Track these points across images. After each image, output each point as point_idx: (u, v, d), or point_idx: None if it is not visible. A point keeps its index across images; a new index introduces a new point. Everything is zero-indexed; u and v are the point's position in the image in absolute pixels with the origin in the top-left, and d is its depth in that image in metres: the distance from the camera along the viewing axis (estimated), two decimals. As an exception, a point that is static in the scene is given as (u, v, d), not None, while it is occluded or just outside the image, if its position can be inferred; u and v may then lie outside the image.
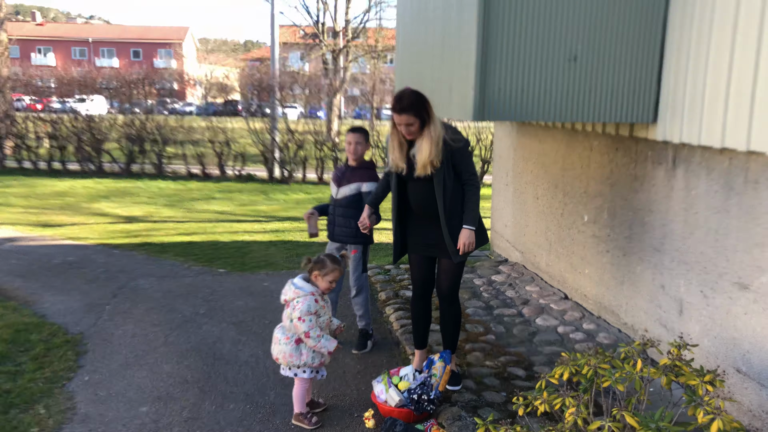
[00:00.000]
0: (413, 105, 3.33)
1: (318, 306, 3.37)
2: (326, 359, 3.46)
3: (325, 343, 3.34)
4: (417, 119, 3.35)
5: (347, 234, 4.35)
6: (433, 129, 3.37)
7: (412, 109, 3.33)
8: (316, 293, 3.38)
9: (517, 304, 5.23)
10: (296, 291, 3.37)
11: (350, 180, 4.32)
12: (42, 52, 56.68)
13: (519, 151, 6.33)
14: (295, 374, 3.44)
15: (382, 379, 3.56)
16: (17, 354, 4.38)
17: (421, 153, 3.39)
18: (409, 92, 3.36)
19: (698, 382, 2.39)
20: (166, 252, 7.37)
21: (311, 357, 3.39)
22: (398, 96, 3.36)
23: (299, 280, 3.43)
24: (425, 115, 3.37)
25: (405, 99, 3.33)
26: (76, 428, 3.44)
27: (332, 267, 3.39)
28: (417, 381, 3.49)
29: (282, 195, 12.63)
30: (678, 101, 3.65)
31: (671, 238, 3.86)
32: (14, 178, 13.90)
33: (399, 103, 3.34)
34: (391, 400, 3.40)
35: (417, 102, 3.34)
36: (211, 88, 19.90)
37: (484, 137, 15.41)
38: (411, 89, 3.40)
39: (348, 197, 4.31)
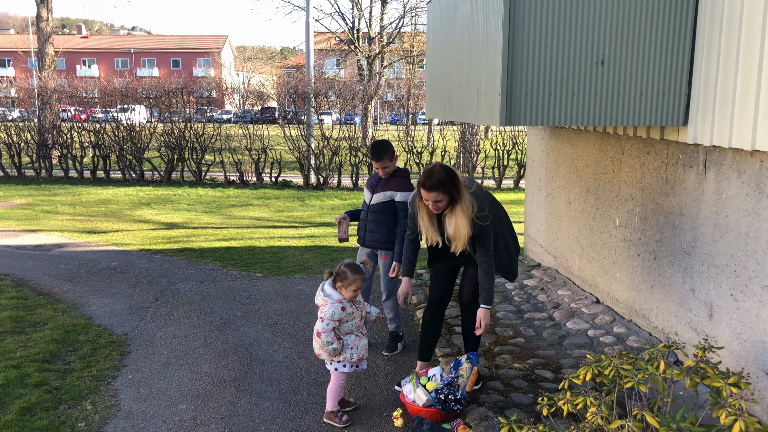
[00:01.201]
0: (443, 183, 3.28)
1: (344, 314, 3.48)
2: (364, 354, 3.59)
3: (331, 347, 3.48)
4: (446, 196, 3.32)
5: (378, 240, 4.45)
6: (466, 205, 3.33)
7: (441, 187, 3.28)
8: (344, 301, 3.49)
9: (548, 308, 5.24)
10: (324, 299, 3.50)
11: (384, 187, 4.42)
12: (87, 64, 58.63)
13: (551, 155, 6.33)
14: (336, 368, 3.57)
15: (411, 379, 3.64)
16: (66, 353, 4.61)
17: (458, 233, 3.36)
18: (439, 169, 3.29)
19: (722, 384, 2.41)
20: (205, 257, 7.59)
21: (350, 353, 3.51)
22: (428, 173, 3.30)
23: (329, 287, 3.55)
24: (455, 192, 3.32)
25: (434, 176, 3.27)
26: (120, 424, 3.62)
27: (353, 278, 3.48)
28: (444, 381, 3.56)
29: (317, 201, 12.83)
30: (708, 103, 3.64)
31: (701, 242, 3.84)
32: (61, 187, 14.46)
33: (428, 180, 3.28)
34: (419, 399, 3.48)
35: (447, 179, 3.28)
36: (248, 95, 20.29)
37: (521, 141, 15.35)
38: (440, 165, 3.32)
39: (381, 203, 4.41)
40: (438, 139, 17.39)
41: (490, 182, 15.41)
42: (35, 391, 3.96)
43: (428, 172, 3.30)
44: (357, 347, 3.56)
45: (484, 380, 3.92)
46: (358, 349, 3.56)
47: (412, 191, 4.39)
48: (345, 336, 3.54)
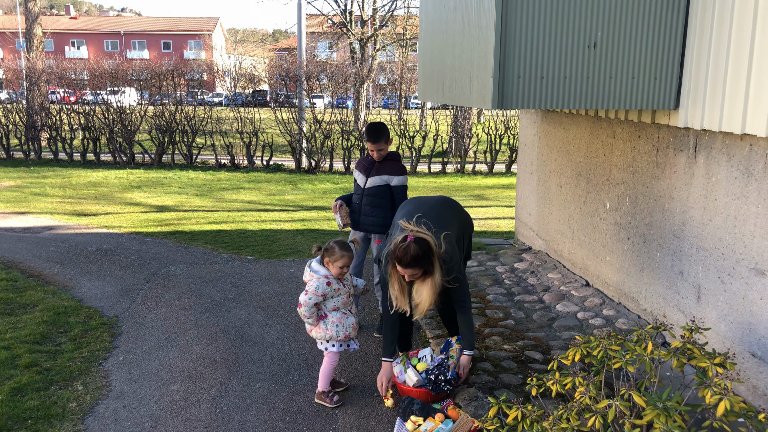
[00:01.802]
0: (419, 259, 3.22)
1: (329, 289, 3.51)
2: (352, 333, 3.62)
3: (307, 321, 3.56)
4: (421, 270, 3.28)
5: (374, 223, 4.46)
6: (437, 278, 3.30)
7: (417, 264, 3.23)
8: (330, 277, 3.51)
9: (539, 291, 5.28)
10: (311, 274, 3.53)
11: (379, 171, 4.43)
12: (75, 45, 57.89)
13: (543, 139, 6.34)
14: (326, 348, 3.59)
15: (401, 360, 3.67)
16: (57, 335, 4.60)
17: (422, 302, 3.34)
18: (414, 245, 3.21)
19: (708, 365, 2.44)
20: (197, 240, 7.58)
21: (336, 330, 3.53)
22: (404, 249, 3.21)
23: (315, 264, 3.58)
24: (430, 266, 3.28)
25: (410, 254, 3.20)
26: (111, 404, 3.63)
27: (341, 254, 3.50)
28: (434, 362, 3.59)
29: (309, 185, 12.80)
30: (700, 87, 3.65)
31: (691, 225, 3.87)
32: (50, 169, 14.35)
33: (405, 257, 3.21)
34: (409, 380, 3.51)
35: (423, 255, 3.22)
36: (239, 78, 20.13)
37: (513, 125, 15.35)
38: (415, 240, 3.24)
39: (376, 187, 4.42)
40: (430, 123, 17.36)
41: (482, 166, 15.43)
42: (26, 372, 3.96)
43: (404, 249, 3.20)
44: (343, 325, 3.58)
45: (474, 361, 3.95)
46: (345, 327, 3.58)
47: (406, 174, 4.45)
48: (331, 313, 3.56)
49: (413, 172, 14.88)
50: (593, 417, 2.32)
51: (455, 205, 3.86)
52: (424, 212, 3.49)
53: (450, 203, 3.82)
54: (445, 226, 3.49)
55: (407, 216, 3.47)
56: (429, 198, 3.78)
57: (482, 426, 2.61)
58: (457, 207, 3.87)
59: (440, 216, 3.55)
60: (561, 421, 2.41)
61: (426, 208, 3.58)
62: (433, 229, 3.35)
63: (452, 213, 3.73)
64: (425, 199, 3.75)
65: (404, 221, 3.40)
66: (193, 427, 3.39)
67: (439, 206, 3.68)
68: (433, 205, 3.66)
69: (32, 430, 3.33)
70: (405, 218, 3.44)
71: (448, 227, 3.50)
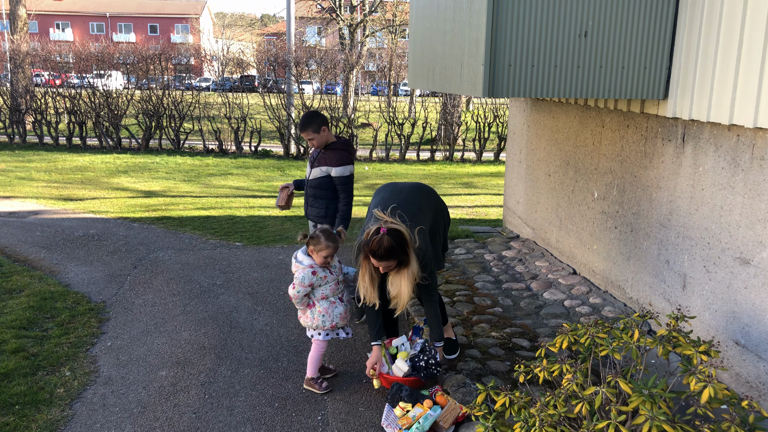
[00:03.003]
0: (393, 251, 3.19)
1: (315, 278, 3.51)
2: (339, 322, 3.62)
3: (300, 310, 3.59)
4: (395, 261, 3.25)
5: (317, 214, 4.40)
6: (413, 269, 3.27)
7: (392, 256, 3.20)
8: (315, 266, 3.51)
9: (526, 279, 5.32)
10: (296, 265, 3.53)
11: (321, 162, 4.30)
12: (60, 28, 56.96)
13: (532, 127, 6.35)
14: (312, 335, 3.61)
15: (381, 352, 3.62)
16: (44, 320, 4.57)
17: (400, 295, 3.32)
18: (387, 238, 3.17)
19: (693, 352, 2.48)
20: (184, 226, 7.54)
21: (321, 320, 3.54)
22: (377, 242, 3.17)
23: (300, 254, 3.58)
24: (404, 257, 3.25)
25: (384, 246, 3.17)
26: (99, 390, 3.63)
27: (326, 244, 3.48)
28: (416, 347, 3.58)
29: (298, 171, 12.75)
30: (689, 77, 3.67)
31: (677, 214, 3.91)
32: (35, 153, 14.17)
33: (379, 250, 3.17)
34: (398, 371, 3.49)
35: (396, 247, 3.18)
36: (227, 63, 19.95)
37: (502, 113, 15.36)
38: (388, 233, 3.18)
39: (318, 179, 4.31)
40: (419, 111, 17.33)
41: (471, 154, 15.44)
42: (12, 358, 3.93)
43: (378, 242, 3.17)
44: (330, 315, 3.57)
45: (462, 348, 3.99)
46: (331, 317, 3.57)
47: (349, 164, 4.29)
48: (319, 302, 3.56)
49: (402, 160, 14.86)
50: (580, 403, 2.35)
51: (430, 193, 3.78)
52: (399, 202, 3.44)
53: (425, 191, 3.75)
54: (420, 218, 3.44)
55: (382, 204, 3.43)
56: (404, 185, 3.68)
57: (470, 412, 2.63)
58: (433, 195, 3.80)
59: (415, 207, 3.49)
60: (548, 408, 2.43)
61: (401, 197, 3.51)
62: (408, 223, 3.30)
63: (427, 203, 3.66)
64: (400, 187, 3.66)
65: (378, 210, 3.36)
66: (182, 412, 3.39)
67: (413, 195, 3.60)
68: (407, 193, 3.58)
69: (19, 415, 3.31)
70: (380, 207, 3.40)
71: (423, 219, 3.47)
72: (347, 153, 4.31)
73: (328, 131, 4.29)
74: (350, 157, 4.33)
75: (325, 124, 4.26)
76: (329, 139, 4.31)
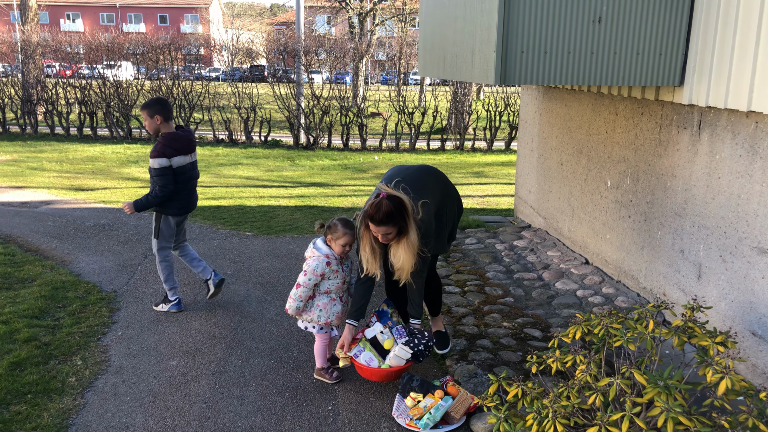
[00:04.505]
0: (392, 216, 3.12)
1: (328, 269, 3.47)
2: (334, 321, 3.55)
3: (295, 304, 3.48)
4: (395, 228, 3.18)
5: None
6: (413, 238, 3.19)
7: (390, 221, 3.13)
8: (331, 257, 3.48)
9: (538, 269, 5.27)
10: (313, 251, 3.50)
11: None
12: (71, 18, 57.08)
13: (544, 116, 6.28)
14: (306, 327, 3.60)
15: (365, 347, 3.48)
16: (55, 309, 4.59)
17: (403, 266, 3.25)
18: (386, 202, 3.11)
19: (710, 343, 2.44)
20: (195, 216, 7.54)
21: (317, 314, 3.52)
22: (376, 206, 3.12)
23: (320, 242, 3.54)
24: (404, 224, 3.18)
25: (382, 210, 3.11)
26: (110, 379, 3.64)
27: (343, 231, 3.44)
28: (400, 333, 3.50)
29: (307, 161, 12.73)
30: (706, 63, 3.59)
31: (693, 203, 3.85)
32: (47, 143, 14.24)
33: (377, 214, 3.12)
34: (399, 360, 3.39)
35: (396, 212, 3.12)
36: (237, 53, 19.91)
37: (513, 102, 15.24)
38: (388, 197, 3.14)
39: (150, 169, 4.41)
40: (430, 100, 17.23)
41: (481, 143, 15.35)
42: (25, 347, 3.95)
43: (376, 206, 3.11)
44: (327, 311, 3.52)
45: (473, 338, 3.96)
46: (328, 313, 3.52)
47: (160, 157, 4.29)
48: (321, 296, 3.51)
49: (412, 149, 14.79)
50: (594, 395, 2.32)
51: (439, 176, 3.65)
52: (404, 177, 3.37)
53: (433, 172, 3.62)
54: (425, 193, 3.35)
55: (386, 180, 3.39)
56: (411, 165, 3.60)
57: (482, 403, 2.61)
58: (442, 178, 3.66)
59: (420, 183, 3.40)
60: (561, 399, 2.40)
61: (406, 173, 3.44)
62: (412, 195, 3.23)
63: (434, 182, 3.54)
64: (407, 166, 3.58)
65: (383, 185, 3.31)
66: (193, 402, 3.39)
67: (420, 174, 3.50)
68: (414, 171, 3.50)
69: (32, 404, 3.33)
70: (384, 182, 3.37)
71: (428, 196, 3.37)
72: (164, 145, 4.31)
73: (162, 121, 4.34)
74: (168, 150, 4.31)
75: (161, 113, 4.33)
76: (161, 128, 4.37)
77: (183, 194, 4.47)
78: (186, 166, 4.46)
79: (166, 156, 4.30)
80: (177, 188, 4.40)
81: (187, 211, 4.58)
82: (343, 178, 10.69)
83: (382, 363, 3.41)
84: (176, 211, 4.48)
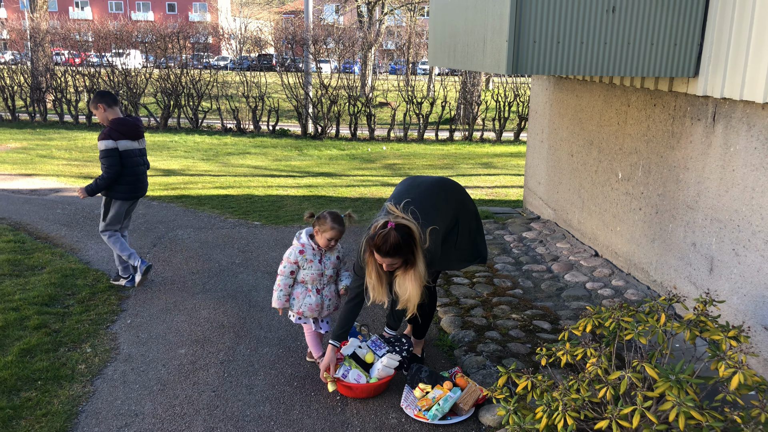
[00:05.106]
0: (399, 249, 2.96)
1: (302, 258, 3.46)
2: (306, 312, 3.52)
3: (276, 294, 3.50)
4: (401, 260, 3.03)
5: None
6: (420, 270, 3.04)
7: (397, 253, 2.98)
8: (307, 246, 3.46)
9: (547, 261, 5.25)
10: (294, 241, 3.52)
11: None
12: (79, 6, 57.05)
13: (555, 106, 6.23)
14: (290, 316, 3.61)
15: (350, 365, 3.42)
16: (65, 297, 4.61)
17: (410, 297, 3.09)
18: (395, 233, 2.94)
19: (722, 337, 2.41)
20: (203, 205, 7.55)
21: (291, 302, 3.54)
22: (383, 237, 2.95)
23: (303, 233, 3.54)
24: (411, 256, 3.02)
25: (390, 241, 2.94)
26: (119, 366, 3.65)
27: (331, 225, 3.39)
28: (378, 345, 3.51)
29: (315, 151, 12.71)
30: (721, 54, 3.54)
31: (706, 196, 3.81)
32: (56, 131, 14.27)
33: (384, 245, 2.95)
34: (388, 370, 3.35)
35: (404, 244, 2.96)
36: (245, 41, 19.85)
37: (522, 92, 15.14)
38: (396, 228, 2.96)
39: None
40: (438, 90, 17.15)
41: (490, 134, 15.27)
42: (35, 334, 3.97)
43: (383, 237, 2.94)
44: (299, 301, 3.51)
45: (481, 329, 3.95)
46: (300, 303, 3.51)
47: (106, 139, 4.54)
48: (297, 284, 3.51)
49: (420, 140, 14.74)
50: (604, 388, 2.31)
51: (454, 190, 3.43)
52: (414, 197, 3.18)
53: (448, 188, 3.41)
54: (434, 217, 3.18)
55: (396, 198, 3.22)
56: (425, 179, 3.40)
57: (491, 395, 2.60)
58: (457, 192, 3.44)
59: (430, 204, 3.22)
60: (571, 392, 2.39)
61: (417, 192, 3.25)
62: (420, 221, 3.06)
63: (447, 201, 3.34)
64: (420, 181, 3.38)
65: (391, 204, 3.14)
66: (201, 390, 3.40)
67: (432, 191, 3.30)
68: (426, 188, 3.30)
69: (42, 390, 3.35)
70: (393, 201, 3.20)
71: (438, 219, 3.20)
72: (111, 129, 4.59)
73: (106, 108, 4.62)
74: (114, 133, 4.58)
75: (103, 101, 4.61)
76: (108, 116, 4.64)
77: (130, 178, 4.70)
78: (133, 151, 4.70)
79: (112, 138, 4.57)
80: (124, 171, 4.65)
81: (135, 196, 4.81)
82: (351, 168, 10.67)
83: (369, 378, 3.36)
84: (124, 195, 4.73)
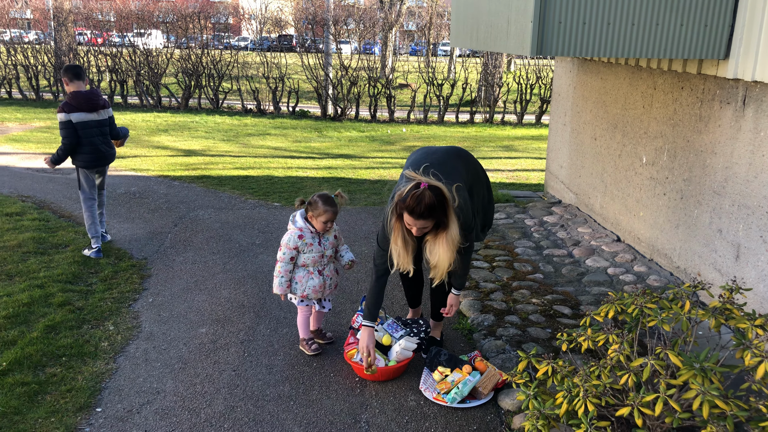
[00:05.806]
0: (434, 210, 2.86)
1: (301, 242, 3.44)
2: (311, 294, 3.52)
3: (277, 280, 3.47)
4: (433, 222, 2.93)
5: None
6: (453, 234, 2.93)
7: (431, 215, 2.87)
8: (305, 230, 3.45)
9: (568, 245, 5.20)
10: (290, 225, 3.50)
11: None
12: (102, -14, 57.30)
13: (579, 89, 6.13)
14: (290, 299, 3.61)
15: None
16: (88, 275, 4.68)
17: (440, 264, 3.00)
18: (429, 194, 2.84)
19: (748, 326, 2.37)
20: (224, 185, 7.59)
21: (294, 286, 3.53)
22: (417, 197, 2.83)
23: (298, 216, 3.52)
24: (444, 219, 2.92)
25: (424, 202, 2.83)
26: (141, 345, 3.70)
27: (324, 208, 3.38)
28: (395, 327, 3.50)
29: (335, 132, 12.68)
30: (753, 35, 3.44)
31: (734, 181, 3.73)
32: (79, 111, 14.39)
33: (418, 206, 2.83)
34: (406, 353, 3.35)
35: (438, 205, 2.86)
36: (265, 22, 19.81)
37: (545, 75, 14.93)
38: (430, 188, 2.87)
39: None
40: (459, 71, 16.97)
41: (511, 117, 15.11)
42: (59, 311, 4.04)
43: (417, 197, 2.82)
44: (302, 284, 3.50)
45: (501, 314, 3.93)
46: (303, 286, 3.50)
47: (61, 112, 4.78)
48: (298, 268, 3.50)
49: (440, 122, 14.63)
50: (627, 375, 2.28)
51: (467, 158, 3.41)
52: (432, 162, 3.13)
53: (462, 155, 3.38)
54: (456, 177, 3.11)
55: (413, 165, 3.17)
56: (438, 148, 3.37)
57: (511, 379, 2.59)
58: (470, 161, 3.42)
59: (449, 167, 3.16)
60: (592, 378, 2.37)
61: (434, 158, 3.21)
62: (443, 181, 2.97)
63: (463, 165, 3.30)
64: (434, 149, 3.35)
65: (410, 171, 3.07)
66: (222, 369, 3.44)
67: (448, 157, 3.27)
68: (441, 155, 3.26)
69: (66, 366, 3.41)
70: (411, 168, 3.15)
71: (460, 179, 3.12)
72: (66, 103, 4.82)
73: (67, 82, 4.85)
74: (67, 106, 4.80)
75: (65, 75, 4.85)
76: (69, 89, 4.86)
77: (87, 148, 4.94)
78: (89, 122, 4.90)
79: (65, 111, 4.80)
80: (81, 142, 4.90)
81: (96, 165, 5.04)
82: (370, 150, 10.63)
83: (387, 361, 3.37)
84: (85, 164, 4.98)
